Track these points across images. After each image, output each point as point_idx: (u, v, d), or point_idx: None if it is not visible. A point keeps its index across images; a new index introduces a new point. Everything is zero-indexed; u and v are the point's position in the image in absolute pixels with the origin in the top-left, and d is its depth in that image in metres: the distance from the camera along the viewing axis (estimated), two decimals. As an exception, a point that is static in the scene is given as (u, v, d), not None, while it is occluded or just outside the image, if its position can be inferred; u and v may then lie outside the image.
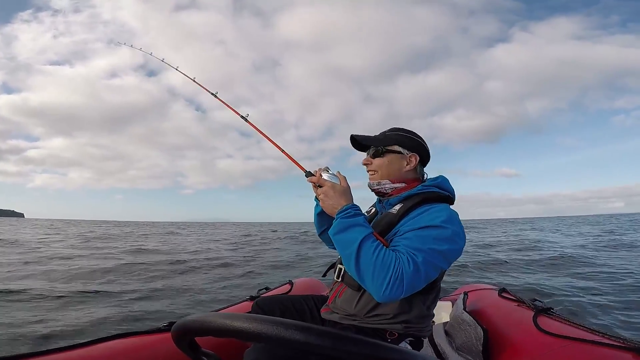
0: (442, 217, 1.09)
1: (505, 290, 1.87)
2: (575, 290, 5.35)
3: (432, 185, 1.25)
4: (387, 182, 1.29)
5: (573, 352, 1.10)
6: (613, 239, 14.44)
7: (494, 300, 1.79)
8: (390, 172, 1.29)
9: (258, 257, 10.92)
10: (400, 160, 1.28)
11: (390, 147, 1.28)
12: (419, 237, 1.05)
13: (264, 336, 0.43)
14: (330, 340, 0.42)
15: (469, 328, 1.50)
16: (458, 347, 1.56)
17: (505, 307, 1.64)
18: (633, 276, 6.29)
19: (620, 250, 10.74)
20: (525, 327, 1.34)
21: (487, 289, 2.08)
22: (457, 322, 1.66)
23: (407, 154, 1.28)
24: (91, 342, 1.25)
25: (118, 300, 4.92)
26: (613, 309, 4.31)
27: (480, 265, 8.13)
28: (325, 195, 1.14)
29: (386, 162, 1.29)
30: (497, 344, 1.35)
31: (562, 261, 8.38)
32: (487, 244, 13.76)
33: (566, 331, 1.22)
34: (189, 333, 0.54)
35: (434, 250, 1.03)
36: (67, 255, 10.26)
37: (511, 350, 1.28)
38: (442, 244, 1.05)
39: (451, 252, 1.07)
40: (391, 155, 1.28)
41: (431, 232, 1.06)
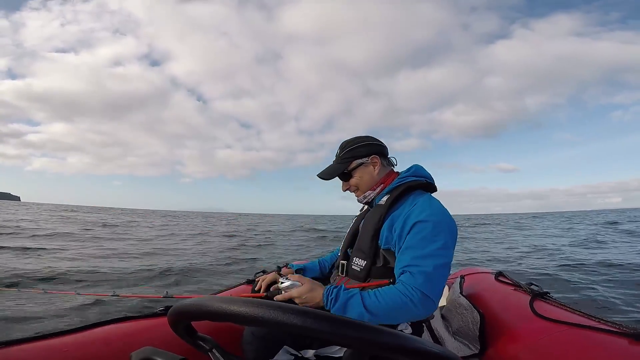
0: (426, 210, 1.18)
1: (502, 274, 1.88)
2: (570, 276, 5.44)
3: (408, 176, 1.34)
4: (369, 192, 1.37)
5: (569, 337, 1.10)
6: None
7: (491, 284, 1.80)
8: (367, 183, 1.36)
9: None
10: (367, 168, 1.36)
11: (351, 165, 1.35)
12: (416, 245, 1.12)
13: (261, 320, 0.42)
14: (328, 324, 0.41)
15: (466, 312, 1.51)
16: (454, 331, 1.57)
17: (502, 291, 1.65)
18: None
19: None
20: (521, 312, 1.34)
21: (483, 272, 2.09)
22: (453, 306, 1.67)
23: (368, 161, 1.36)
24: (87, 327, 1.24)
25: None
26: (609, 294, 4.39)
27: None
28: (304, 303, 1.12)
29: (358, 178, 1.36)
30: (494, 328, 1.36)
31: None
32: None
33: (562, 316, 1.23)
34: (186, 317, 0.53)
35: (436, 249, 1.10)
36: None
37: (508, 334, 1.29)
38: (438, 238, 1.12)
39: (449, 239, 1.15)
40: (358, 170, 1.36)
41: (423, 232, 1.13)
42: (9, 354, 1.00)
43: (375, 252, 1.24)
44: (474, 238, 13.87)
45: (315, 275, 1.57)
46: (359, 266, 1.26)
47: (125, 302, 3.81)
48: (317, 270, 1.61)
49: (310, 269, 1.60)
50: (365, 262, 1.25)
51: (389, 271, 1.20)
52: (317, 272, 1.60)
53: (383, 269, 1.22)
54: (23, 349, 1.04)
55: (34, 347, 1.06)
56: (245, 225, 28.20)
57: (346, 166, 1.35)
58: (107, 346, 1.16)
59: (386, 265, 1.22)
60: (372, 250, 1.25)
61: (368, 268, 1.24)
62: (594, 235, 14.12)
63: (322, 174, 1.39)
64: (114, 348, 1.16)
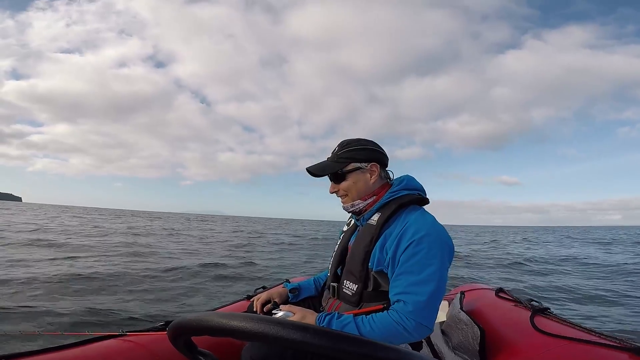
0: (421, 229, 1.11)
1: (502, 290, 1.87)
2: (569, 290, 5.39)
3: (400, 189, 1.25)
4: (359, 201, 1.27)
5: (570, 352, 1.10)
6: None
7: (491, 300, 1.79)
8: (360, 190, 1.26)
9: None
10: (364, 175, 1.26)
11: (346, 167, 1.26)
12: (410, 270, 1.08)
13: (261, 335, 0.43)
14: (328, 340, 0.42)
15: (466, 327, 1.50)
16: (455, 346, 1.56)
17: (502, 307, 1.64)
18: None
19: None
20: (522, 327, 1.34)
21: (484, 288, 2.08)
22: (454, 321, 1.66)
23: (366, 167, 1.27)
24: (87, 342, 1.24)
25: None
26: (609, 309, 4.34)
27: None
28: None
29: (351, 183, 1.26)
30: (494, 343, 1.35)
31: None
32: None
33: (563, 331, 1.22)
34: (186, 332, 0.53)
35: (431, 273, 1.07)
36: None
37: (508, 350, 1.28)
38: (433, 261, 1.08)
39: (445, 259, 1.11)
40: (353, 175, 1.26)
41: (418, 254, 1.09)
42: None
43: (367, 276, 1.19)
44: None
45: (310, 294, 1.53)
46: (350, 290, 1.22)
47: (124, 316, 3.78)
48: (313, 288, 1.56)
49: (305, 287, 1.54)
50: (356, 286, 1.20)
51: (382, 294, 1.16)
52: (313, 291, 1.54)
53: (375, 292, 1.18)
54: None
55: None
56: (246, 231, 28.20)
57: (341, 166, 1.25)
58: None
59: (378, 288, 1.18)
60: (363, 274, 1.19)
61: (360, 292, 1.19)
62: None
63: (312, 168, 1.29)
64: None
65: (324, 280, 1.56)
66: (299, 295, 1.51)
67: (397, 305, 1.08)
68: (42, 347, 1.13)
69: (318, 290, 1.55)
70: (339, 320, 1.06)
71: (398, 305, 1.07)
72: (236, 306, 1.82)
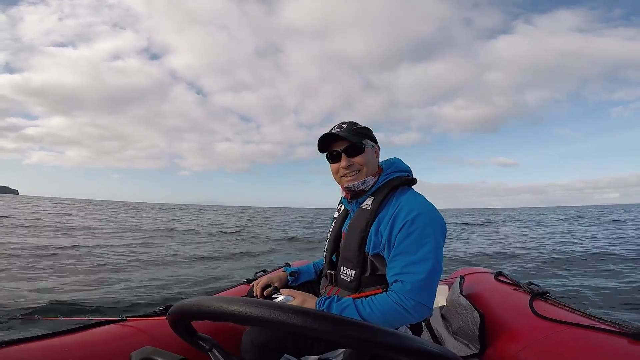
0: (413, 209, 1.13)
1: (502, 273, 1.88)
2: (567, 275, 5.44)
3: (392, 172, 1.28)
4: (370, 177, 1.27)
5: (569, 336, 1.10)
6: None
7: (491, 284, 1.80)
8: (373, 166, 1.28)
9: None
10: (373, 153, 1.29)
11: (364, 141, 1.26)
12: (406, 250, 1.10)
13: (261, 320, 0.42)
14: (328, 324, 0.41)
15: (466, 312, 1.51)
16: (454, 331, 1.57)
17: (502, 291, 1.65)
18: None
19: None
20: (521, 311, 1.35)
21: (483, 272, 2.09)
22: (453, 306, 1.67)
23: (374, 147, 1.30)
24: (87, 327, 1.25)
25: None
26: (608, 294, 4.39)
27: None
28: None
29: (368, 157, 1.26)
30: (494, 328, 1.36)
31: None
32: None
33: (562, 316, 1.23)
34: (186, 317, 0.53)
35: (427, 252, 1.08)
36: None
37: (507, 334, 1.29)
38: (428, 240, 1.10)
39: (439, 237, 1.13)
40: (368, 149, 1.27)
41: (413, 234, 1.10)
42: (8, 354, 1.00)
43: (364, 261, 1.20)
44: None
45: (310, 278, 1.54)
46: (348, 276, 1.23)
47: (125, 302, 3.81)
48: (312, 272, 1.56)
49: (304, 271, 1.55)
50: (354, 272, 1.21)
51: (380, 278, 1.18)
52: (312, 275, 1.56)
53: (373, 276, 1.19)
54: (23, 348, 1.04)
55: (34, 347, 1.06)
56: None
57: (360, 140, 1.25)
58: (107, 346, 1.16)
59: (375, 272, 1.19)
60: (360, 259, 1.20)
61: (358, 277, 1.20)
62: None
63: (340, 132, 1.24)
64: (114, 348, 1.16)
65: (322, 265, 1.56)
66: (299, 279, 1.52)
67: (395, 285, 1.09)
68: (41, 333, 1.13)
69: (317, 275, 1.56)
70: (338, 303, 1.08)
71: (396, 285, 1.09)
72: (236, 290, 1.83)
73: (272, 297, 1.20)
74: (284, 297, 1.16)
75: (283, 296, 1.16)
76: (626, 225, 17.88)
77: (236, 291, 1.81)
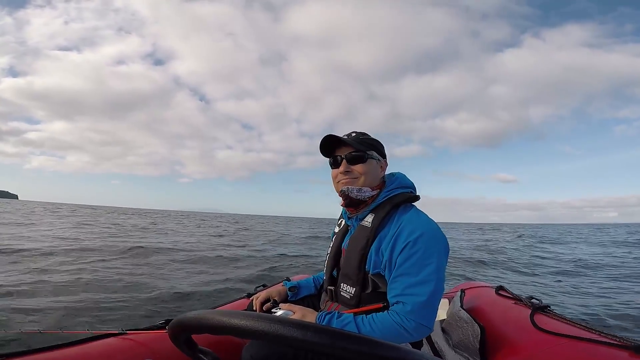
0: (416, 229, 1.10)
1: (503, 288, 1.87)
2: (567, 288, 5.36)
3: (394, 188, 1.24)
4: (367, 189, 1.23)
5: (570, 350, 1.10)
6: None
7: (491, 298, 1.80)
8: (374, 178, 1.24)
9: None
10: (377, 167, 1.26)
11: (369, 152, 1.23)
12: (408, 271, 1.08)
13: (262, 333, 0.43)
14: (328, 338, 0.42)
15: (466, 325, 1.50)
16: (455, 344, 1.56)
17: (502, 305, 1.64)
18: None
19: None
20: (522, 325, 1.34)
21: (484, 286, 2.08)
22: (454, 319, 1.67)
23: (381, 160, 1.27)
24: (88, 340, 1.24)
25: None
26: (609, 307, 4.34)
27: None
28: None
29: (369, 168, 1.23)
30: (494, 341, 1.35)
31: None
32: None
33: (563, 329, 1.22)
34: (186, 330, 0.53)
35: (429, 274, 1.06)
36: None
37: (508, 347, 1.28)
38: (430, 261, 1.07)
39: (442, 258, 1.11)
40: (372, 161, 1.24)
41: (415, 255, 1.08)
42: None
43: (364, 278, 1.18)
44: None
45: (310, 293, 1.52)
46: (348, 293, 1.21)
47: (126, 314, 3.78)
48: (312, 287, 1.55)
49: (304, 286, 1.53)
50: (354, 289, 1.19)
51: (380, 295, 1.16)
52: (312, 289, 1.54)
53: (373, 293, 1.18)
54: None
55: (35, 359, 1.06)
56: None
57: (364, 149, 1.22)
58: (108, 359, 1.16)
59: (376, 290, 1.17)
60: (360, 277, 1.18)
61: (358, 295, 1.19)
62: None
63: (345, 138, 1.22)
64: None
65: (322, 280, 1.55)
66: (298, 293, 1.50)
67: (397, 306, 1.07)
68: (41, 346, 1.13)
69: (317, 289, 1.55)
70: (339, 319, 1.06)
71: (397, 306, 1.07)
72: (236, 304, 1.82)
73: (272, 311, 1.19)
74: (283, 311, 1.15)
75: (282, 311, 1.16)
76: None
77: (236, 305, 1.81)
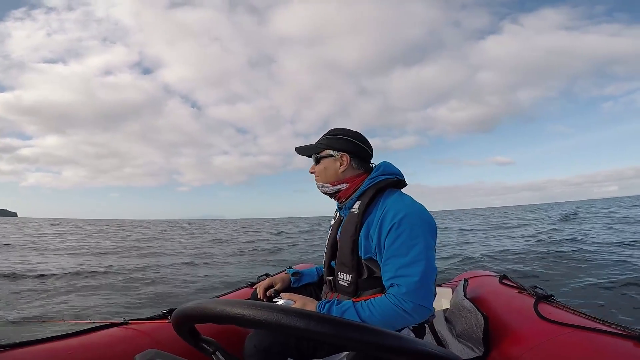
0: (400, 210, 1.14)
1: (506, 277, 1.87)
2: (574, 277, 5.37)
3: (377, 175, 1.29)
4: (327, 184, 1.35)
5: (574, 339, 1.10)
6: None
7: (495, 287, 1.79)
8: (328, 175, 1.34)
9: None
10: (334, 163, 1.33)
11: (322, 152, 1.34)
12: (397, 252, 1.10)
13: (264, 322, 0.42)
14: (331, 327, 0.41)
15: (469, 315, 1.50)
16: (458, 334, 1.56)
17: (506, 294, 1.64)
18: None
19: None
20: (525, 314, 1.34)
21: (487, 275, 2.08)
22: (457, 308, 1.66)
23: (337, 156, 1.33)
24: (91, 330, 1.25)
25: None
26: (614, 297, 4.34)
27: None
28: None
29: (322, 167, 1.35)
30: (498, 330, 1.35)
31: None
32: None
33: (567, 318, 1.22)
34: (189, 320, 0.53)
35: (418, 253, 1.08)
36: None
37: (512, 337, 1.28)
38: (418, 240, 1.10)
39: (428, 237, 1.13)
40: (325, 160, 1.34)
41: (402, 236, 1.11)
42: (14, 356, 1.00)
43: (359, 264, 1.22)
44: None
45: (312, 280, 1.56)
46: (345, 281, 1.25)
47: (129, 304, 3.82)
48: (315, 275, 1.58)
49: (307, 274, 1.58)
50: (350, 276, 1.23)
51: (377, 280, 1.18)
52: (315, 277, 1.58)
53: (370, 279, 1.21)
54: (27, 351, 1.04)
55: (39, 349, 1.07)
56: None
57: (318, 151, 1.36)
58: (111, 349, 1.17)
59: (372, 275, 1.20)
60: (354, 263, 1.22)
61: (355, 281, 1.22)
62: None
63: (299, 148, 1.41)
64: (118, 351, 1.16)
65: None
66: (301, 280, 1.54)
67: (392, 289, 1.10)
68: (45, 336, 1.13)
69: (319, 278, 1.58)
70: (338, 306, 1.09)
71: (392, 289, 1.09)
72: (239, 293, 1.83)
73: (273, 300, 1.20)
74: (284, 301, 1.16)
75: (283, 300, 1.17)
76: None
77: (239, 294, 1.82)
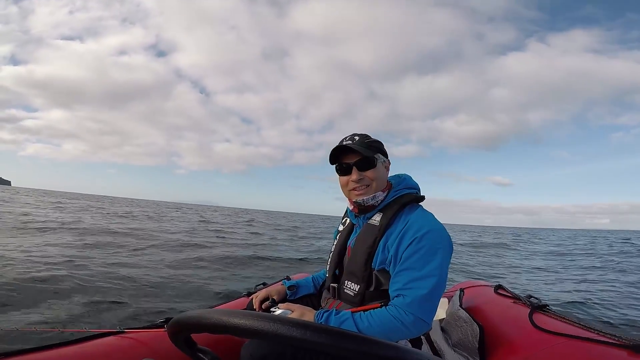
0: (424, 226, 1.13)
1: (502, 287, 1.88)
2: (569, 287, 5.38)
3: (402, 188, 1.27)
4: (380, 193, 1.25)
5: (568, 349, 1.10)
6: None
7: (490, 297, 1.80)
8: (383, 181, 1.26)
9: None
10: (384, 168, 1.27)
11: (376, 155, 1.24)
12: (413, 266, 1.09)
13: (261, 332, 0.43)
14: (328, 337, 0.42)
15: (465, 325, 1.50)
16: (454, 343, 1.56)
17: (501, 304, 1.65)
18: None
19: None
20: (521, 324, 1.34)
21: (483, 285, 2.08)
22: (453, 318, 1.67)
23: (386, 161, 1.28)
24: (86, 339, 1.24)
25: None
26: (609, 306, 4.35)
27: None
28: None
29: (378, 172, 1.24)
30: (493, 340, 1.35)
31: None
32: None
33: (562, 328, 1.23)
34: (185, 329, 0.53)
35: (432, 269, 1.08)
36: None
37: (507, 346, 1.28)
38: (435, 257, 1.09)
39: (446, 255, 1.12)
40: (380, 164, 1.25)
41: (421, 251, 1.10)
42: None
43: (369, 276, 1.20)
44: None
45: (309, 292, 1.53)
46: (352, 290, 1.23)
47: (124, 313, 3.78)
48: (311, 286, 1.55)
49: (303, 285, 1.54)
50: (359, 287, 1.21)
51: (383, 293, 1.18)
52: (311, 289, 1.55)
53: (377, 291, 1.20)
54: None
55: (32, 358, 1.06)
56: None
57: (373, 154, 1.23)
58: (106, 358, 1.16)
59: (380, 287, 1.19)
60: (365, 274, 1.20)
61: (362, 292, 1.20)
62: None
63: (353, 144, 1.21)
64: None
65: (322, 279, 1.56)
66: (297, 292, 1.51)
67: (397, 299, 1.09)
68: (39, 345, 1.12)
69: (316, 289, 1.56)
70: (337, 316, 1.07)
71: (397, 300, 1.08)
72: (236, 303, 1.82)
73: (270, 310, 1.20)
74: (282, 310, 1.16)
75: (281, 310, 1.16)
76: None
77: (236, 304, 1.81)
